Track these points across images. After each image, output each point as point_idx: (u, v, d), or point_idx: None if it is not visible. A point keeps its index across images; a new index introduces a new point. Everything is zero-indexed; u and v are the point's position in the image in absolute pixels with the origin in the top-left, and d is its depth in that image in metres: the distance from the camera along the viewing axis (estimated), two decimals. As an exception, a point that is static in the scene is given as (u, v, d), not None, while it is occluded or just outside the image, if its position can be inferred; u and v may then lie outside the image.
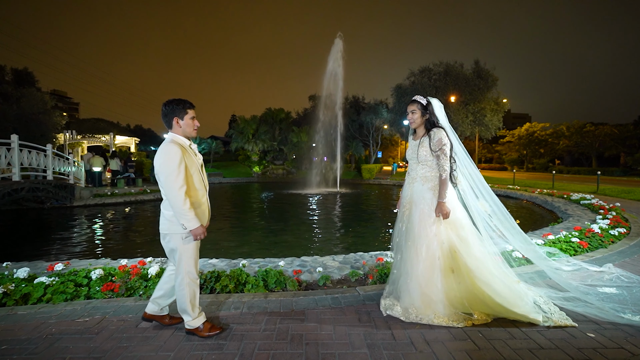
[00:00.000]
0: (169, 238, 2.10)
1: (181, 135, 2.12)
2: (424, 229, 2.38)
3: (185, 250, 2.09)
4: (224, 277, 3.06)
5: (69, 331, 2.23)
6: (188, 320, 2.16)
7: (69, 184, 11.14)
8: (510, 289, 2.39)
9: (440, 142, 2.40)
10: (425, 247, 2.34)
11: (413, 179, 2.55)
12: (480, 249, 2.44)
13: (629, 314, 2.35)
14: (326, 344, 2.05)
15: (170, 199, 1.99)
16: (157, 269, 3.00)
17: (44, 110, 20.73)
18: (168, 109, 2.09)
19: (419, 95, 2.56)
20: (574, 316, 2.36)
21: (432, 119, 2.51)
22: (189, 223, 2.01)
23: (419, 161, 2.52)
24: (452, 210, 2.38)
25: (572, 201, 9.62)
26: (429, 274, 2.31)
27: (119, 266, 3.18)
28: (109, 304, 2.65)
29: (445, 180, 2.39)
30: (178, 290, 2.13)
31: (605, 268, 3.33)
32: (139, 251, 5.56)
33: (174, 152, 1.98)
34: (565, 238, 4.40)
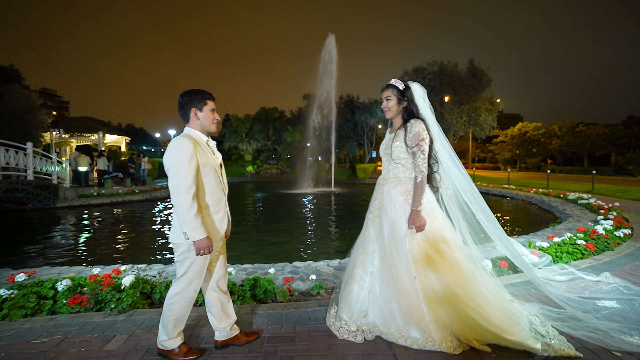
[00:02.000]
0: (175, 248, 1.83)
1: (199, 129, 1.87)
2: (395, 243, 2.00)
3: (191, 263, 1.79)
4: (206, 287, 2.76)
5: (20, 355, 1.92)
6: (163, 340, 1.87)
7: (52, 184, 10.68)
8: (504, 311, 2.03)
9: (418, 136, 1.99)
10: (400, 265, 1.97)
11: (384, 180, 2.16)
12: (467, 264, 2.07)
13: (636, 337, 2.03)
14: (319, 369, 1.79)
15: (175, 201, 1.70)
16: (131, 279, 2.69)
17: (29, 108, 20.05)
18: (185, 99, 1.84)
19: (396, 79, 2.13)
20: (575, 343, 1.98)
21: (411, 108, 2.10)
22: (192, 232, 1.70)
23: (392, 159, 2.11)
24: (430, 219, 2.00)
25: (569, 201, 9.51)
26: (409, 297, 1.94)
27: (90, 276, 2.87)
28: (73, 321, 2.34)
29: (420, 184, 1.98)
30: (167, 303, 1.84)
31: (602, 277, 3.04)
32: (121, 257, 5.22)
33: (184, 147, 1.71)
34: (571, 240, 4.19)
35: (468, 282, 1.99)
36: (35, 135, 20.30)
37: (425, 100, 2.18)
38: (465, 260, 2.07)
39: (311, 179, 19.09)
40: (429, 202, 2.05)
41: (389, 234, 2.03)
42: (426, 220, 1.97)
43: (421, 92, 2.17)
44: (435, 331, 1.89)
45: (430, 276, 1.95)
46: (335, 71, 18.33)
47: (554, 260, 3.62)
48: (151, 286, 2.79)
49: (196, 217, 1.70)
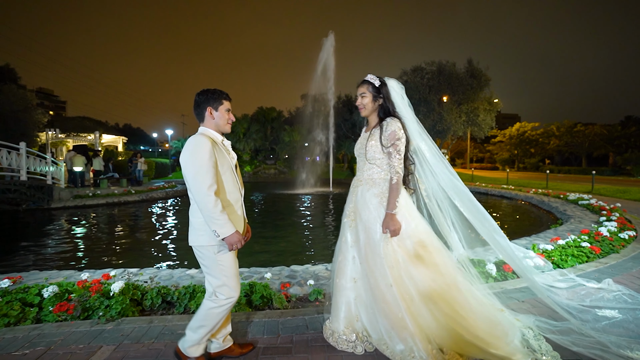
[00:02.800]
0: (199, 253, 1.76)
1: (214, 129, 1.82)
2: (370, 248, 1.88)
3: (220, 265, 1.74)
4: (200, 293, 2.65)
5: (-1, 369, 1.80)
6: (187, 346, 1.77)
7: (46, 184, 10.52)
8: (490, 322, 1.90)
9: (394, 135, 1.87)
10: (376, 272, 1.84)
11: (358, 181, 2.04)
12: (448, 270, 1.93)
13: (637, 351, 1.85)
14: (318, 383, 1.67)
15: (199, 200, 1.64)
16: (121, 285, 2.57)
17: (24, 107, 19.83)
18: (202, 98, 1.80)
19: (372, 75, 2.01)
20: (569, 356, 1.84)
21: (387, 106, 1.97)
22: (222, 229, 1.65)
23: (366, 159, 1.99)
24: (406, 222, 1.88)
25: (569, 201, 9.44)
26: (389, 305, 1.80)
27: (78, 281, 2.74)
28: (59, 330, 2.22)
29: (396, 186, 1.86)
30: (203, 312, 1.75)
31: (605, 284, 2.86)
32: (114, 260, 5.09)
33: (203, 145, 1.66)
34: (575, 242, 4.10)
35: (449, 289, 1.86)
36: (31, 135, 20.08)
37: (403, 98, 2.06)
38: (446, 265, 1.94)
39: (309, 179, 18.99)
40: (405, 205, 1.93)
41: (364, 238, 1.91)
42: (402, 224, 1.86)
43: (398, 88, 2.05)
44: (419, 343, 1.73)
45: (408, 283, 1.82)
46: (333, 71, 18.25)
47: (560, 265, 3.52)
48: (142, 292, 2.67)
49: (222, 214, 1.65)
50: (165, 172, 25.98)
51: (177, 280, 3.21)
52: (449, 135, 24.59)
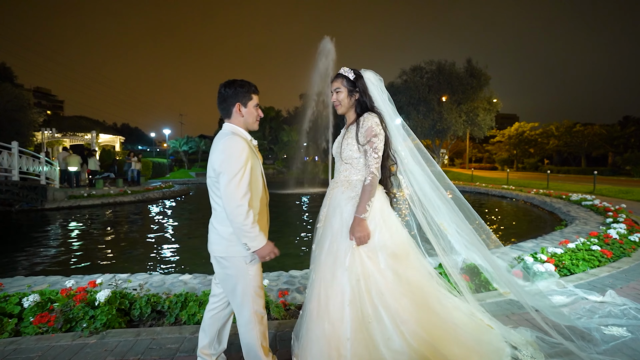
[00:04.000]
0: (228, 263, 1.57)
1: (242, 126, 1.64)
2: (334, 257, 1.65)
3: (250, 278, 1.57)
4: (192, 302, 2.47)
5: (-35, 392, 1.63)
6: None
7: (40, 184, 10.31)
8: (477, 344, 1.67)
9: (370, 131, 1.68)
10: (334, 285, 1.61)
11: (335, 184, 1.83)
12: (425, 288, 1.72)
13: None
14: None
15: (230, 210, 1.46)
16: (107, 294, 2.40)
17: (20, 106, 19.56)
18: (229, 91, 1.60)
19: (346, 67, 1.82)
20: None
21: (364, 100, 1.78)
22: (253, 242, 1.50)
23: (342, 158, 1.80)
24: (379, 231, 1.66)
25: (572, 202, 9.31)
26: (335, 329, 1.56)
27: (62, 289, 2.56)
28: (37, 344, 2.05)
29: (368, 187, 1.65)
30: (244, 332, 1.60)
31: (608, 297, 2.60)
32: (106, 263, 4.90)
33: (240, 148, 1.49)
34: (585, 246, 3.94)
35: (426, 310, 1.63)
36: (26, 135, 19.80)
37: (382, 91, 1.85)
38: (423, 282, 1.71)
39: (308, 179, 18.83)
40: (380, 210, 1.70)
41: (329, 246, 1.70)
42: (374, 232, 1.64)
43: (376, 81, 1.84)
44: None
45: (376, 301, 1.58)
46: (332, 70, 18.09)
47: (572, 270, 3.36)
48: (130, 301, 2.50)
49: (254, 225, 1.49)
50: (162, 172, 25.77)
51: (169, 287, 3.04)
52: (448, 135, 24.50)
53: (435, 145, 25.95)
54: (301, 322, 1.74)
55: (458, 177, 22.11)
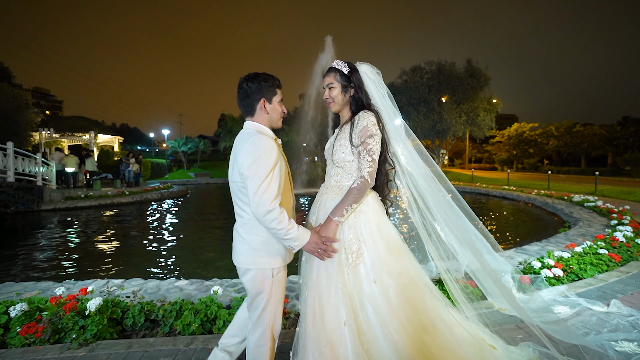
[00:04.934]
0: (252, 275, 1.44)
1: (267, 124, 1.49)
2: (327, 272, 1.50)
3: (274, 292, 1.46)
4: (187, 310, 2.37)
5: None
6: None
7: (36, 185, 10.19)
8: None
9: (365, 131, 1.52)
10: (328, 300, 1.48)
11: (325, 189, 1.67)
12: (429, 306, 1.57)
13: None
14: None
15: (261, 217, 1.34)
16: (99, 303, 2.29)
17: (17, 106, 19.44)
18: (253, 86, 1.44)
19: (340, 60, 1.64)
20: None
21: (359, 97, 1.61)
22: (295, 242, 1.40)
23: (333, 161, 1.64)
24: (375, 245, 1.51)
25: (574, 203, 9.23)
26: (330, 344, 1.44)
27: (51, 297, 2.45)
28: (22, 357, 1.94)
29: (354, 191, 1.49)
30: (254, 348, 1.47)
31: (614, 308, 2.46)
32: (101, 267, 4.78)
33: (269, 149, 1.36)
34: (592, 249, 3.84)
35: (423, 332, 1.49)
36: (23, 135, 19.69)
37: (379, 86, 1.68)
38: (423, 299, 1.56)
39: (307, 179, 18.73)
40: (377, 223, 1.55)
41: (319, 261, 1.52)
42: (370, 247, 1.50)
43: (373, 75, 1.68)
44: None
45: (372, 323, 1.46)
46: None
47: (580, 275, 3.26)
48: (123, 310, 2.39)
49: (291, 226, 1.37)
50: (161, 172, 25.64)
51: (165, 294, 2.93)
52: (449, 135, 24.42)
53: (435, 145, 25.86)
54: (297, 340, 1.61)
55: (458, 178, 22.03)
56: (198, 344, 2.08)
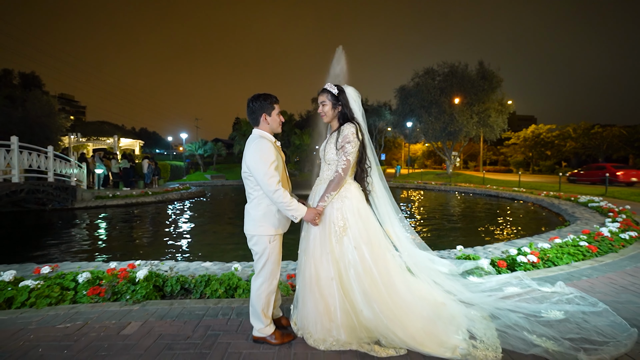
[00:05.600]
0: (255, 240, 2.00)
1: (268, 131, 2.05)
2: (321, 242, 2.01)
3: (271, 252, 2.00)
4: (214, 281, 2.94)
5: (47, 338, 2.12)
6: (259, 328, 2.03)
7: (70, 185, 11.15)
8: (429, 320, 1.98)
9: (345, 138, 2.03)
10: (321, 265, 1.98)
11: (319, 181, 2.17)
12: (394, 274, 2.03)
13: (543, 337, 1.97)
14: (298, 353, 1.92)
15: (270, 195, 1.91)
16: (145, 273, 2.89)
17: (48, 113, 20.88)
18: (256, 105, 2.01)
19: (330, 83, 2.14)
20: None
21: (345, 112, 2.11)
22: (296, 212, 1.95)
23: (325, 161, 2.15)
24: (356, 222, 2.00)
25: (579, 204, 9.38)
26: (324, 297, 1.95)
27: (107, 269, 3.08)
28: (93, 309, 2.55)
29: (332, 183, 2.02)
30: (255, 295, 2.02)
31: (558, 288, 2.78)
32: (135, 254, 5.47)
33: (267, 149, 1.93)
34: (574, 242, 4.21)
35: (388, 290, 1.96)
36: (54, 139, 21.08)
37: (359, 105, 2.17)
38: (388, 266, 2.03)
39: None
40: (358, 207, 2.04)
41: (314, 232, 2.05)
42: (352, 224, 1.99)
43: (355, 96, 2.17)
44: (343, 334, 1.92)
45: (352, 281, 1.95)
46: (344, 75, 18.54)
47: (555, 262, 3.65)
48: (163, 280, 2.98)
49: (292, 200, 1.93)
50: (180, 174, 26.75)
51: (193, 272, 3.51)
52: (461, 136, 24.43)
53: (447, 147, 25.91)
54: (297, 295, 2.15)
55: (470, 180, 22.08)
56: (224, 304, 2.64)
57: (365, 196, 2.16)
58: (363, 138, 2.12)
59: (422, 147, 49.18)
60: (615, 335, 2.01)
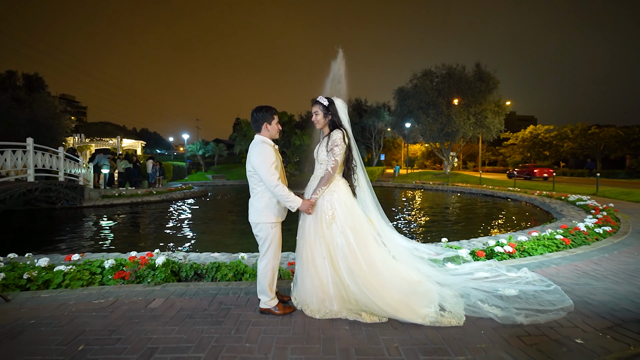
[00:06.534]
0: (260, 227, 2.39)
1: (268, 137, 2.44)
2: (315, 228, 2.41)
3: (273, 237, 2.39)
4: (224, 267, 3.34)
5: (86, 310, 2.52)
6: (265, 301, 2.44)
7: (78, 185, 11.55)
8: (405, 294, 2.36)
9: (334, 142, 2.42)
10: (315, 247, 2.38)
11: (313, 178, 2.55)
12: (372, 254, 2.40)
13: (493, 306, 2.42)
14: (298, 321, 2.32)
15: (272, 189, 2.29)
16: (163, 259, 3.29)
17: (54, 114, 21.33)
18: (259, 115, 2.41)
19: (322, 96, 2.53)
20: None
21: (334, 120, 2.51)
22: (293, 203, 2.34)
23: (318, 161, 2.54)
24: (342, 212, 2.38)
25: (569, 202, 9.77)
26: (318, 274, 2.35)
27: (129, 257, 3.48)
28: (120, 289, 2.94)
29: (323, 179, 2.41)
30: (261, 273, 2.41)
31: (522, 273, 3.13)
32: (146, 248, 5.86)
33: (269, 151, 2.32)
34: (551, 235, 4.60)
35: (370, 268, 2.34)
36: (59, 140, 21.53)
37: (346, 114, 2.57)
38: (371, 250, 2.40)
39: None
40: (345, 200, 2.42)
41: (310, 220, 2.44)
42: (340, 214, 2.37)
43: (342, 106, 2.57)
44: (335, 304, 2.33)
45: (340, 260, 2.34)
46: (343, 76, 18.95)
47: (530, 252, 4.04)
48: (179, 266, 3.38)
49: (290, 193, 2.32)
50: (182, 174, 27.14)
51: (204, 261, 3.90)
52: (458, 137, 24.83)
53: (445, 148, 26.30)
54: (296, 274, 2.56)
55: (467, 180, 22.45)
56: (233, 286, 3.04)
57: (352, 190, 2.56)
58: (349, 142, 2.53)
59: (422, 147, 49.56)
60: (555, 307, 2.44)
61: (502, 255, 3.86)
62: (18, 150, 8.65)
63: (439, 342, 2.05)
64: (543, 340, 2.06)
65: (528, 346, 2.01)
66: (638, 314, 2.43)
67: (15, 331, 2.21)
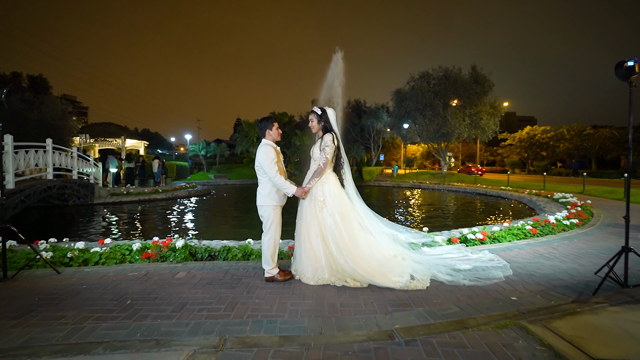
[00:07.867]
0: (264, 209, 3.02)
1: (271, 140, 3.09)
2: (311, 212, 2.99)
3: (274, 217, 3.02)
4: (234, 249, 3.93)
5: (125, 279, 3.12)
6: (268, 269, 3.05)
7: (89, 183, 12.16)
8: (381, 264, 2.96)
9: (325, 143, 3.03)
10: (310, 226, 2.96)
11: (309, 172, 3.14)
12: (355, 233, 2.99)
13: (447, 275, 3.08)
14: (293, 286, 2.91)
15: (272, 179, 2.92)
16: (182, 243, 3.88)
17: (61, 115, 21.95)
18: (262, 124, 3.10)
19: (316, 107, 3.15)
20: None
21: (326, 125, 3.12)
22: (289, 190, 2.97)
23: (313, 158, 3.13)
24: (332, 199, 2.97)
25: (553, 200, 10.35)
26: (312, 248, 2.94)
27: (153, 241, 4.07)
28: (149, 266, 3.54)
29: (316, 172, 3.02)
30: (265, 246, 3.01)
31: (483, 255, 3.68)
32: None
33: (270, 151, 2.97)
34: (522, 226, 5.18)
35: (354, 245, 2.94)
36: (67, 140, 22.14)
37: (335, 120, 3.18)
38: (355, 230, 3.01)
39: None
40: (334, 190, 3.03)
41: (307, 205, 3.04)
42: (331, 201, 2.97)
43: (332, 114, 3.18)
44: (326, 273, 2.95)
45: (329, 238, 2.93)
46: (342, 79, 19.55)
47: (499, 239, 4.63)
48: (195, 249, 3.97)
49: (286, 182, 2.95)
50: (184, 174, 27.73)
51: (215, 246, 4.49)
52: (453, 138, 25.40)
53: (441, 148, 26.88)
54: (295, 250, 3.17)
55: (463, 180, 23.04)
56: (242, 263, 3.63)
57: (340, 182, 3.17)
58: (338, 143, 3.14)
59: (420, 148, 50.17)
60: (496, 276, 3.10)
61: (473, 242, 4.45)
62: (40, 150, 9.26)
63: (406, 300, 2.65)
64: (486, 299, 2.65)
65: (473, 301, 2.60)
66: (569, 282, 3.02)
67: (73, 292, 2.81)
